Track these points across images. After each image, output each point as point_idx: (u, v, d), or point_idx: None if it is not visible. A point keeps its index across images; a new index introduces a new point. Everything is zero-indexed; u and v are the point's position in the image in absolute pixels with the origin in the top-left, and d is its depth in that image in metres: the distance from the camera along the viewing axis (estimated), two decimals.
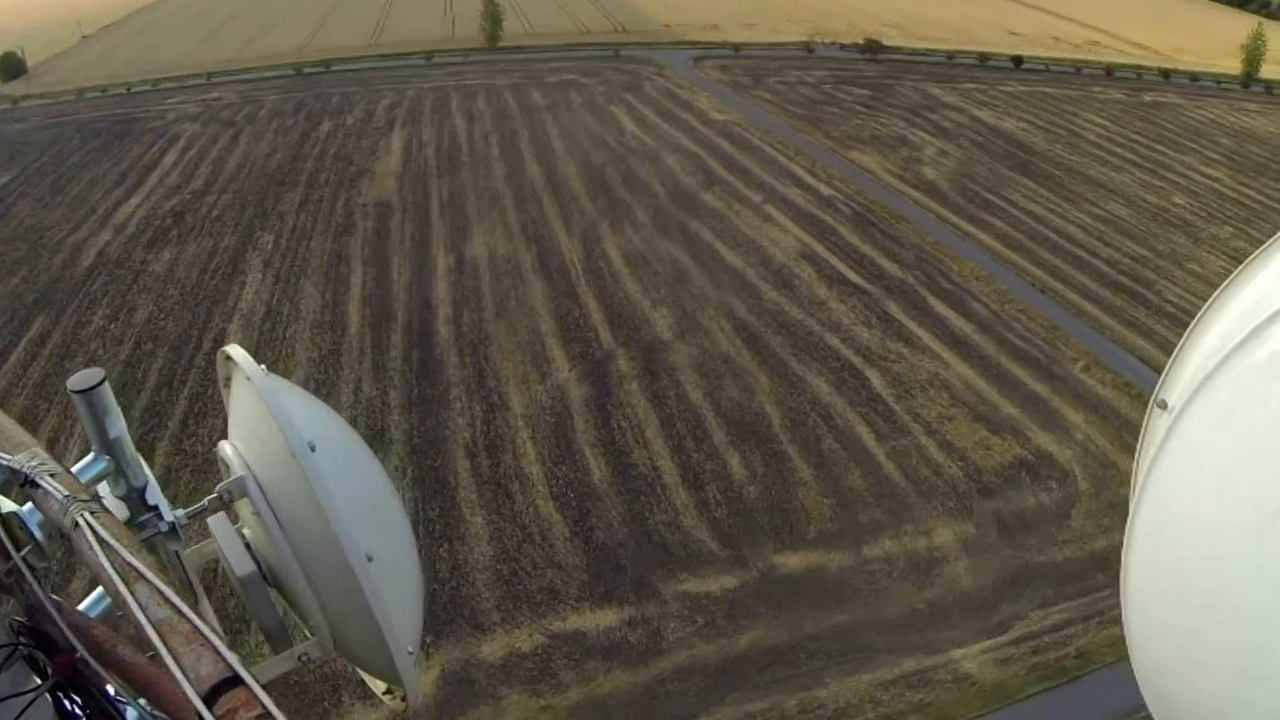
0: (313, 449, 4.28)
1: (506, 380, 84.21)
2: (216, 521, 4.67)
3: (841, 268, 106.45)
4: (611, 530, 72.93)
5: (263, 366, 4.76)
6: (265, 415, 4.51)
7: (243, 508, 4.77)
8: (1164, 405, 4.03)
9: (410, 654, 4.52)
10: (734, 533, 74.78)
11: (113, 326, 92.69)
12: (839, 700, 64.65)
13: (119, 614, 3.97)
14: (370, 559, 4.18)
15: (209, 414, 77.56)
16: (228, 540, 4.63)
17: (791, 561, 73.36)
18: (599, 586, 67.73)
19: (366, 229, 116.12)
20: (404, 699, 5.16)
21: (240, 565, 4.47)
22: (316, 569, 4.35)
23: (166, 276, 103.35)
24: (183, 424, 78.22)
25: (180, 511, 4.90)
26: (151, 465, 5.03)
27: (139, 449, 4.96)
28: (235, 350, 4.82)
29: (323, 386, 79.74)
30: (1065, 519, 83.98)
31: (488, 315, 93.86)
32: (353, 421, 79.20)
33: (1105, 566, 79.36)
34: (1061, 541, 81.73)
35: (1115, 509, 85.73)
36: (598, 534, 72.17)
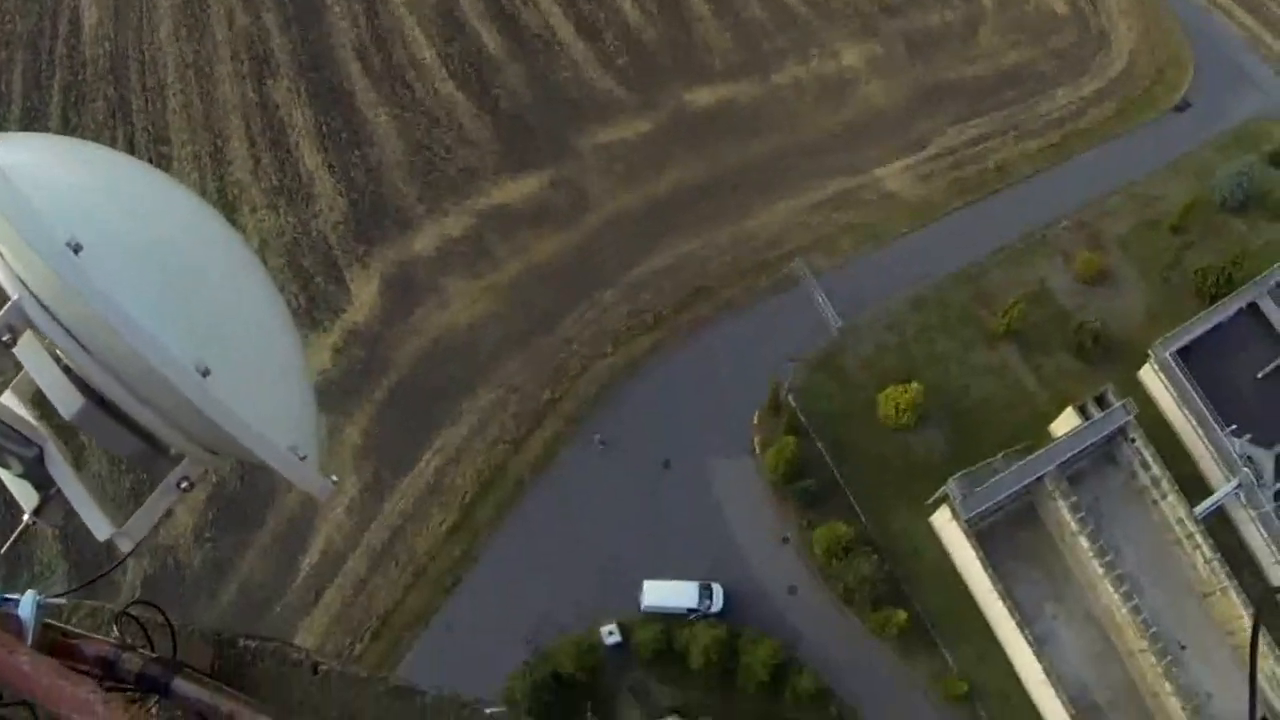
0: (77, 249, 3.33)
1: None
2: (26, 350, 3.89)
3: None
4: (516, 97, 70.01)
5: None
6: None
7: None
8: None
9: (292, 452, 3.95)
10: (639, 77, 72.40)
11: None
12: (769, 228, 66.06)
13: None
14: (206, 371, 3.50)
15: None
16: (42, 371, 3.89)
17: (701, 98, 71.65)
18: (514, 156, 66.32)
19: None
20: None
21: (64, 402, 3.82)
22: (146, 391, 3.69)
23: None
24: None
25: None
26: None
27: None
28: None
29: (197, 25, 73.30)
30: (972, 36, 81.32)
31: None
32: (233, 56, 73.15)
33: (1017, 82, 79.89)
34: (971, 58, 79.98)
35: (1022, 26, 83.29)
36: (503, 104, 69.28)
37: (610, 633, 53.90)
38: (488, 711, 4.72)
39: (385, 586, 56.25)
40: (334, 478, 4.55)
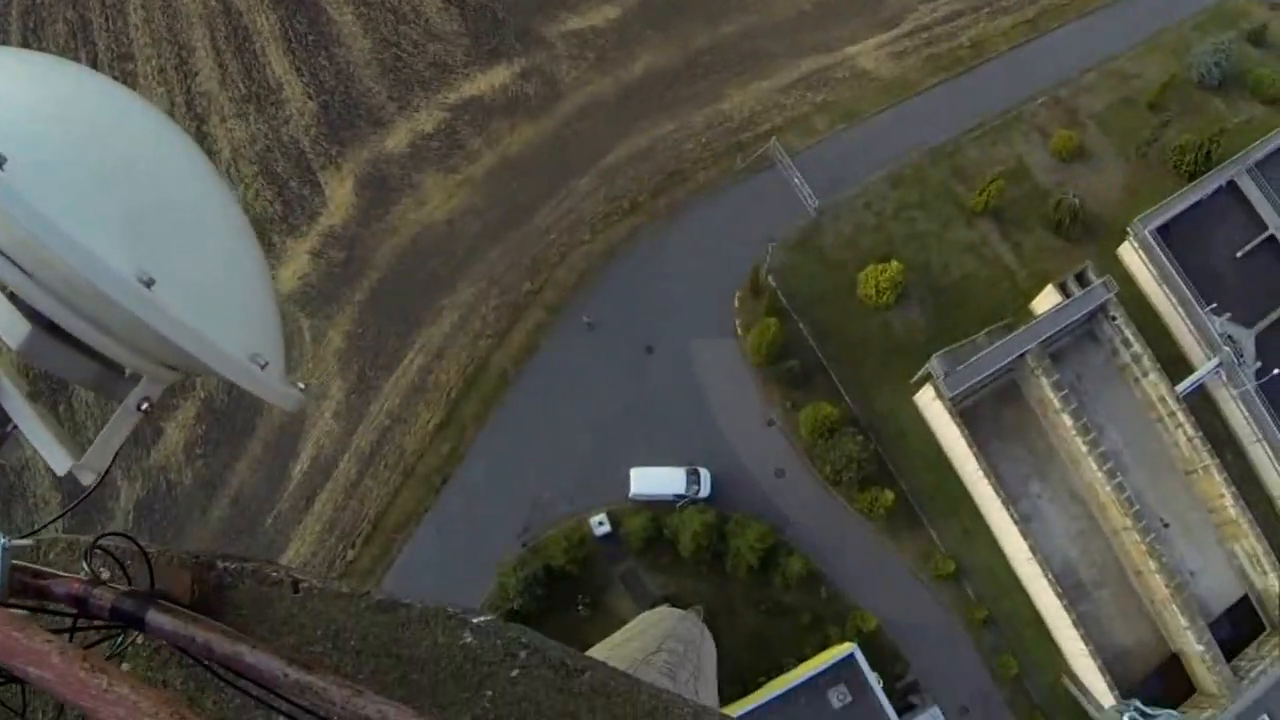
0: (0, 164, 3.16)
1: None
2: None
3: None
4: None
5: None
6: None
7: None
8: None
9: (253, 361, 3.75)
10: None
11: None
12: (743, 109, 65.23)
13: None
14: (149, 281, 3.35)
15: None
16: None
17: None
18: (484, 47, 65.11)
19: None
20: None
21: (10, 331, 3.66)
22: (93, 310, 3.53)
23: None
24: None
25: None
26: None
27: None
28: None
29: None
30: None
31: None
32: None
33: None
34: None
35: None
36: None
37: (600, 523, 54.17)
38: (474, 621, 4.54)
39: (376, 488, 56.42)
40: (301, 385, 4.46)
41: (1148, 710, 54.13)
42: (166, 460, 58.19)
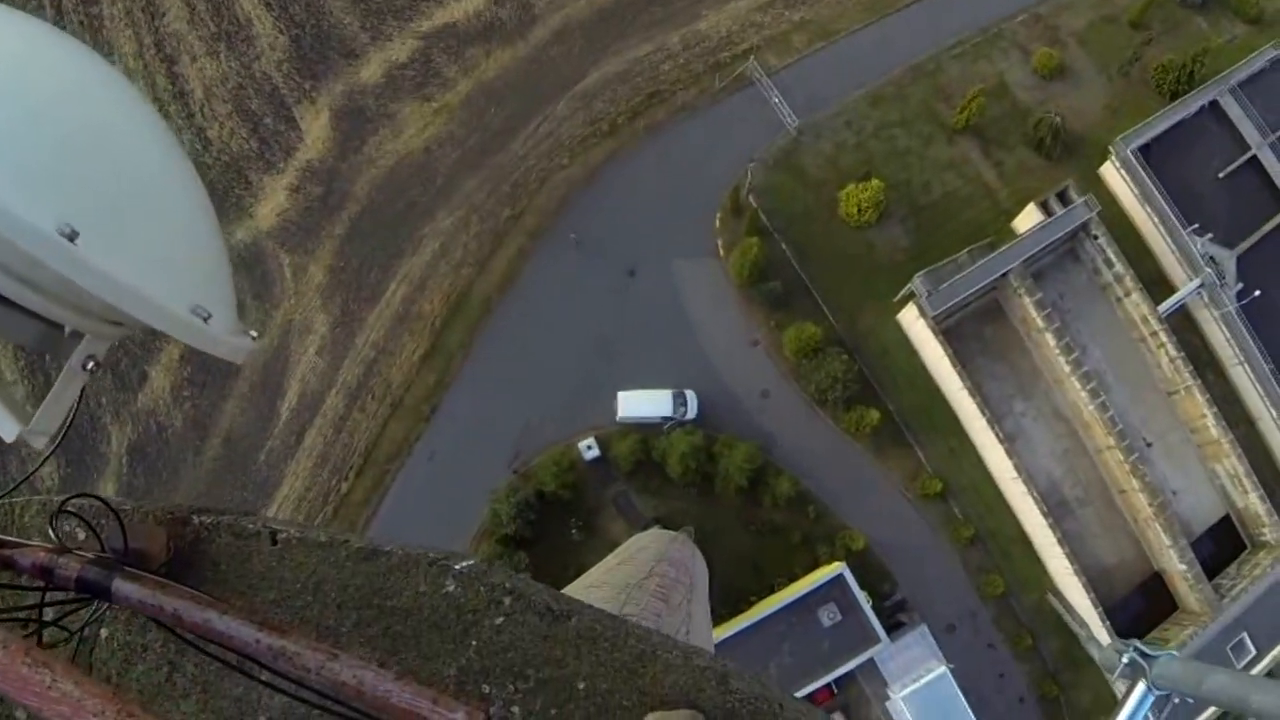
0: None
1: None
2: None
3: None
4: None
5: None
6: None
7: None
8: None
9: (195, 314, 3.60)
10: None
11: None
12: (720, 29, 64.48)
13: None
14: (72, 234, 3.17)
15: None
16: None
17: None
18: None
19: None
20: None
21: None
22: (19, 266, 3.35)
23: None
24: None
25: None
26: None
27: None
28: None
29: None
30: None
31: None
32: None
33: None
34: None
35: None
36: None
37: (589, 447, 54.31)
38: (457, 568, 4.38)
39: (365, 421, 56.40)
40: (253, 333, 4.34)
41: (1148, 650, 54.57)
42: (154, 404, 57.99)
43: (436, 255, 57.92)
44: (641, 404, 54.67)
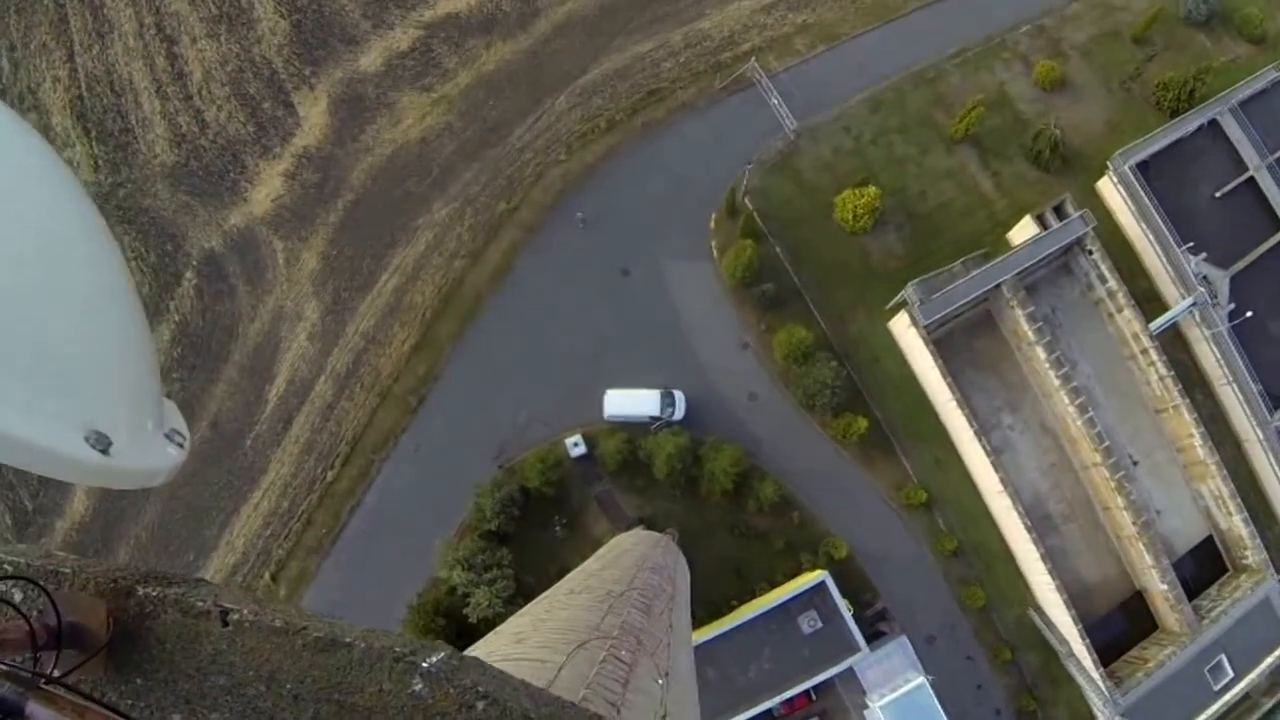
0: None
1: None
2: None
3: None
4: None
5: None
6: None
7: None
8: None
9: (92, 442, 3.11)
10: None
11: None
12: (723, 28, 63.87)
13: None
14: None
15: None
16: None
17: None
18: None
19: None
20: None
21: None
22: None
23: None
24: None
25: None
26: None
27: None
28: None
29: None
30: None
31: None
32: None
33: None
34: None
35: None
36: None
37: (575, 444, 53.85)
38: (424, 665, 3.88)
39: (352, 410, 55.92)
40: (182, 436, 3.88)
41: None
42: None
43: (430, 246, 57.40)
44: (629, 403, 54.19)
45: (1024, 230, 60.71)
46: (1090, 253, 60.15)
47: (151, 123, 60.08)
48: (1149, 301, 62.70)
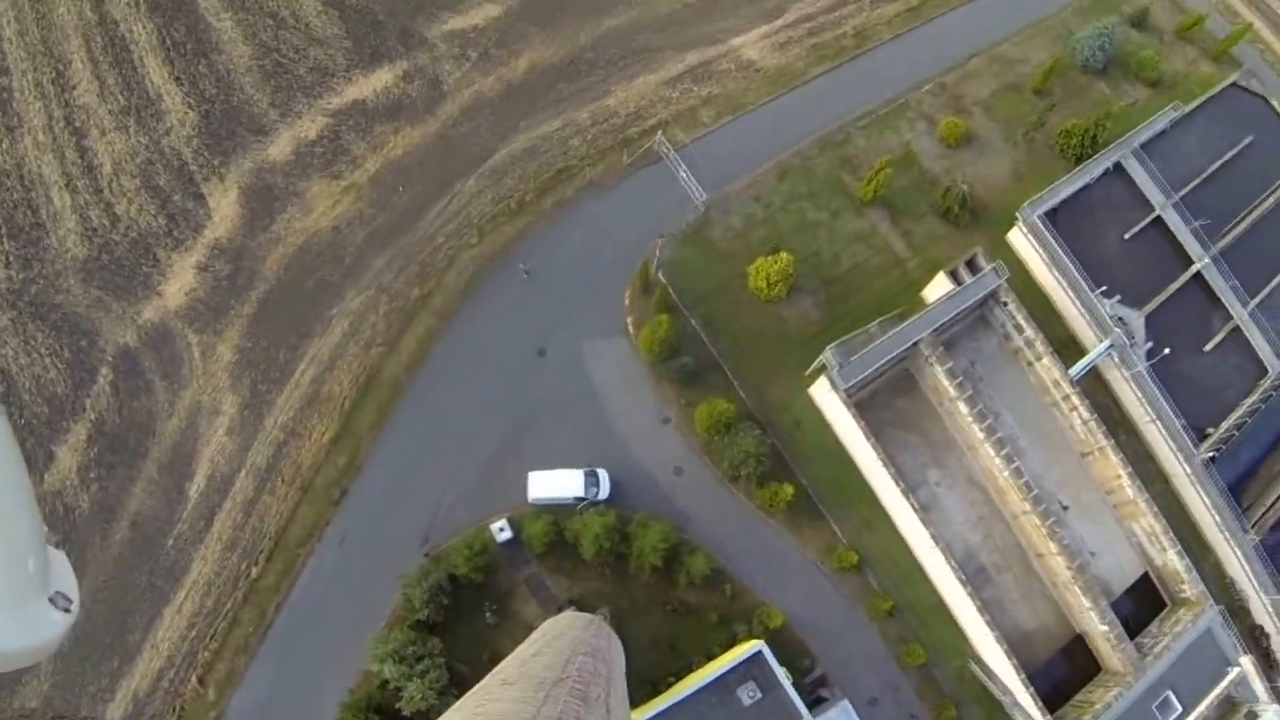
0: None
1: None
2: None
3: None
4: None
5: None
6: None
7: None
8: None
9: None
10: None
11: None
12: (629, 105, 63.24)
13: None
14: None
15: None
16: None
17: None
18: (365, 50, 62.19)
19: None
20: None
21: None
22: None
23: None
24: None
25: None
26: None
27: None
28: None
29: None
30: None
31: None
32: None
33: None
34: None
35: None
36: None
37: (501, 529, 52.38)
38: None
39: (275, 504, 54.20)
40: (68, 601, 3.81)
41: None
42: (61, 485, 55.25)
43: (346, 335, 55.93)
44: (554, 484, 52.85)
45: (938, 287, 60.36)
46: (1005, 304, 59.89)
47: (62, 217, 58.27)
48: (1067, 347, 62.51)
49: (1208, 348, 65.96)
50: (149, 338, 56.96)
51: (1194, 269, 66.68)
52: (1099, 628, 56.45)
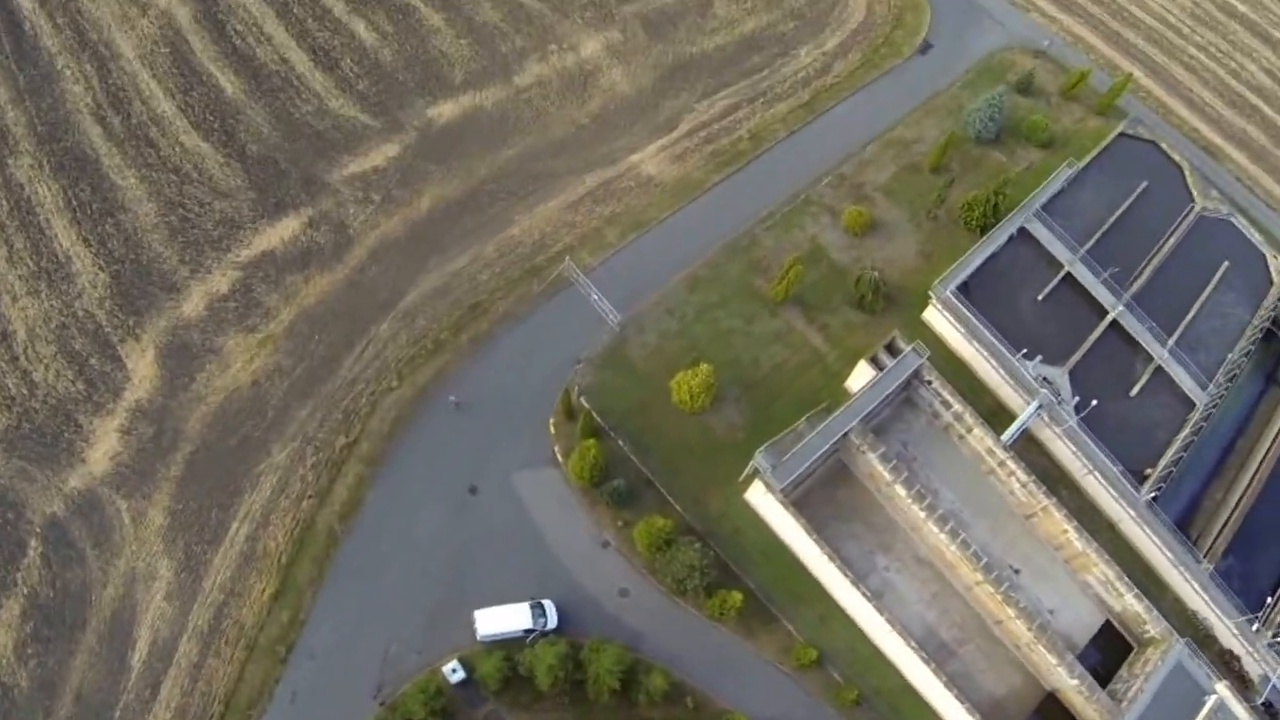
0: None
1: (107, 27, 71.73)
2: None
3: None
4: (262, 139, 65.99)
5: None
6: None
7: None
8: None
9: None
10: (381, 100, 69.45)
11: None
12: (534, 232, 63.57)
13: None
14: None
15: None
16: None
17: (446, 111, 68.99)
18: (270, 200, 62.27)
19: None
20: None
21: None
22: None
23: None
24: None
25: None
26: None
27: None
28: None
29: None
30: (709, 8, 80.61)
31: None
32: None
33: (758, 48, 79.70)
34: (710, 30, 79.26)
35: None
36: (250, 148, 65.13)
37: (453, 670, 51.32)
38: None
39: (220, 667, 52.65)
40: None
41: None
42: None
43: (276, 490, 55.06)
44: (500, 620, 52.06)
45: (861, 375, 60.83)
46: (930, 382, 60.49)
47: None
48: (995, 415, 63.08)
49: (1134, 392, 67.17)
50: (77, 506, 55.69)
51: (1109, 318, 68.07)
52: (1069, 682, 56.41)
